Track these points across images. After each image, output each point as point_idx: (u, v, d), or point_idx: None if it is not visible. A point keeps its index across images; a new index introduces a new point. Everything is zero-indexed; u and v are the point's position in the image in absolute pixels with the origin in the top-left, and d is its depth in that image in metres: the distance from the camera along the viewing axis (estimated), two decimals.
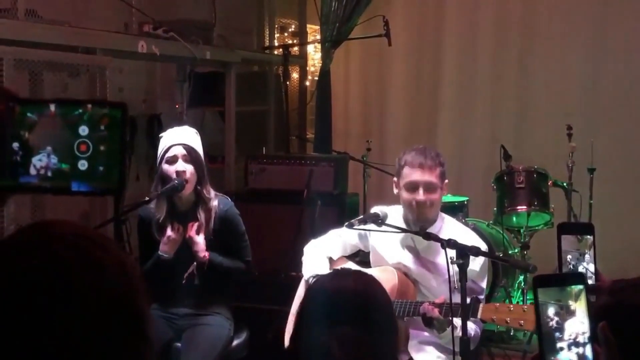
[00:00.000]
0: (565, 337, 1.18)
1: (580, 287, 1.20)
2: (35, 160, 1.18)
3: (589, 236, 1.58)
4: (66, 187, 1.19)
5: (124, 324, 0.95)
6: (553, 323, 1.19)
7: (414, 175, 2.92)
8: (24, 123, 1.19)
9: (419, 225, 2.87)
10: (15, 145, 1.19)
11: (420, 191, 2.91)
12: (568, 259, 1.58)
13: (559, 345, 1.18)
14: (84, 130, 1.18)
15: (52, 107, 1.20)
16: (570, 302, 1.20)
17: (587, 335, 1.18)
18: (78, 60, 3.83)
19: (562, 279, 1.24)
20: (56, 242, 0.95)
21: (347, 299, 1.75)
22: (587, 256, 1.58)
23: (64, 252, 0.94)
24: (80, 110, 1.19)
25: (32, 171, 1.18)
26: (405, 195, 2.95)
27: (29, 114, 1.19)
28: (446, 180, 2.99)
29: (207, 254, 3.28)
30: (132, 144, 4.57)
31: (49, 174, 1.19)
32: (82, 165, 1.18)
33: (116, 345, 0.94)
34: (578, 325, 1.19)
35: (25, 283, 0.91)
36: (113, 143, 1.19)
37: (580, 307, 1.20)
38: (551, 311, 1.19)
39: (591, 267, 1.57)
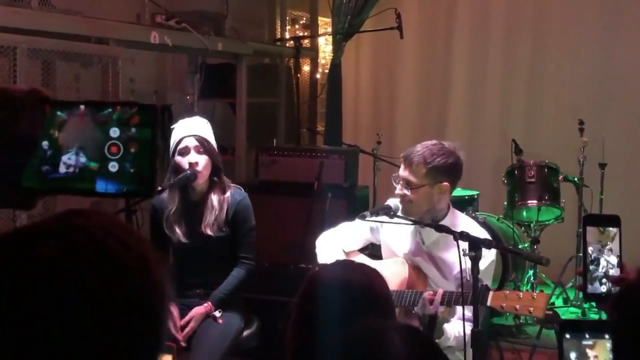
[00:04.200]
0: None
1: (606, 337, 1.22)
2: (64, 158, 1.18)
3: (612, 228, 1.59)
4: (93, 186, 1.18)
5: (138, 324, 0.92)
6: None
7: (400, 169, 2.92)
8: (53, 122, 1.19)
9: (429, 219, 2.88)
10: (45, 144, 1.18)
11: (398, 185, 2.89)
12: (589, 251, 1.59)
13: None
14: (115, 132, 1.18)
15: (82, 107, 1.19)
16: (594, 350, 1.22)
17: None
18: (91, 50, 3.84)
19: (589, 327, 1.25)
20: (76, 233, 0.93)
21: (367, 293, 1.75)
22: (606, 249, 1.58)
23: (81, 244, 0.91)
24: (110, 110, 1.18)
25: (62, 169, 1.18)
26: None
27: (59, 113, 1.19)
28: (444, 183, 2.86)
29: (207, 305, 3.29)
30: None
31: (77, 171, 1.18)
32: (113, 167, 1.17)
33: (126, 344, 0.91)
34: None
35: (37, 272, 0.89)
36: (143, 145, 1.18)
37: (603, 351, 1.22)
38: (573, 355, 1.22)
39: (612, 260, 1.57)
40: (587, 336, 1.23)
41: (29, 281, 0.88)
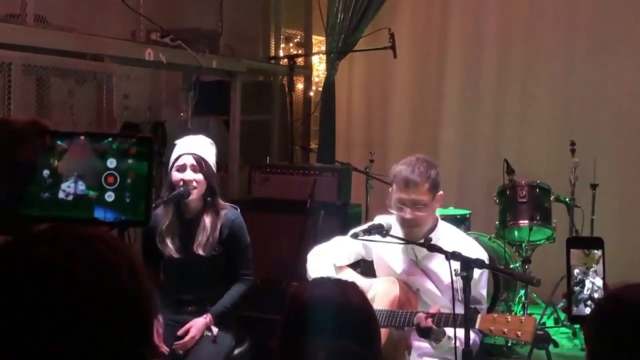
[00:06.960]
0: None
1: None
2: (64, 186, 1.19)
3: (596, 250, 1.59)
4: (91, 214, 1.20)
5: (128, 325, 0.96)
6: None
7: (401, 193, 2.90)
8: (54, 151, 1.20)
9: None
10: (45, 172, 1.20)
11: (407, 210, 2.90)
12: (575, 273, 1.59)
13: None
14: (112, 162, 1.20)
15: (82, 138, 1.21)
16: None
17: None
18: (85, 67, 3.85)
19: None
20: (67, 237, 0.98)
21: (350, 311, 1.76)
22: (591, 271, 1.59)
23: (73, 246, 0.96)
24: (109, 140, 1.20)
25: (61, 196, 1.20)
26: (395, 212, 2.95)
27: (59, 142, 1.21)
28: (440, 192, 2.94)
29: (207, 317, 3.29)
30: None
31: (76, 199, 1.20)
32: (109, 196, 1.19)
33: (118, 346, 0.94)
34: None
35: (33, 271, 0.93)
36: (140, 175, 1.20)
37: None
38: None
39: (598, 282, 1.58)
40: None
41: (25, 279, 0.93)
